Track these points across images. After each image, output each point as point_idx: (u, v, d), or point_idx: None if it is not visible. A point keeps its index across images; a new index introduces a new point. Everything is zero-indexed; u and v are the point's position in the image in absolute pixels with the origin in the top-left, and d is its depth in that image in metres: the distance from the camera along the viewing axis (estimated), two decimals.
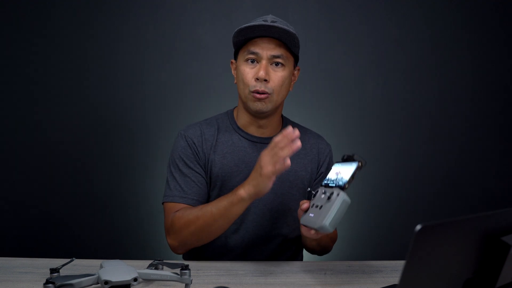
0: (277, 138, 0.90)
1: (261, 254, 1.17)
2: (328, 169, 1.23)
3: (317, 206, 0.89)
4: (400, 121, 2.14)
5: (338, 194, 0.84)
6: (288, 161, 0.89)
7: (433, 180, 2.15)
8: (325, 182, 0.93)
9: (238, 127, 1.18)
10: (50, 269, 0.85)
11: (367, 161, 0.88)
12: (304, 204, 0.94)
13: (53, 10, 2.04)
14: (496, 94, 2.15)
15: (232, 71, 1.18)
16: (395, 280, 0.93)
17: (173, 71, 2.09)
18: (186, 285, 0.84)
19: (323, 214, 0.84)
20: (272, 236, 1.17)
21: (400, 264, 1.06)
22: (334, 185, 0.88)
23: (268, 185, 0.92)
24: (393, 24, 2.12)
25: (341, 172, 0.89)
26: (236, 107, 1.22)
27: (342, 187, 0.85)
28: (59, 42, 2.05)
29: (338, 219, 0.83)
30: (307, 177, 1.20)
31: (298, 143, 0.89)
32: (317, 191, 0.94)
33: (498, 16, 2.14)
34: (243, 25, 1.06)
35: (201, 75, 2.08)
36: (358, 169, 0.85)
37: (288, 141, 0.88)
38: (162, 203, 1.14)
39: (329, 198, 0.85)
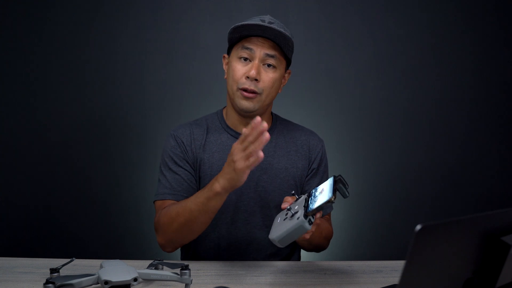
0: (246, 130, 0.87)
1: (256, 253, 1.16)
2: (321, 164, 1.23)
3: (286, 214, 0.89)
4: (400, 121, 2.14)
5: (298, 218, 0.84)
6: (261, 154, 0.86)
7: (433, 180, 2.14)
8: (313, 191, 0.92)
9: (227, 126, 1.18)
10: (50, 269, 0.85)
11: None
12: (284, 204, 0.95)
13: (53, 11, 2.04)
14: (496, 94, 2.15)
15: (224, 65, 1.18)
16: (395, 280, 0.93)
17: (173, 71, 2.08)
18: (186, 285, 0.84)
19: (279, 229, 0.86)
20: (264, 234, 1.16)
21: (400, 264, 1.06)
22: (310, 203, 0.87)
23: (242, 178, 0.91)
24: (393, 24, 2.12)
25: (323, 192, 0.87)
26: (225, 106, 1.22)
27: (305, 214, 0.84)
28: (59, 42, 2.05)
29: (291, 240, 0.85)
30: (298, 174, 1.19)
31: (267, 136, 0.85)
32: (300, 197, 0.93)
33: (498, 16, 2.14)
34: (240, 23, 1.06)
35: (201, 75, 2.08)
36: (327, 202, 0.82)
37: (258, 134, 0.85)
38: (154, 202, 1.14)
39: (292, 216, 0.86)
